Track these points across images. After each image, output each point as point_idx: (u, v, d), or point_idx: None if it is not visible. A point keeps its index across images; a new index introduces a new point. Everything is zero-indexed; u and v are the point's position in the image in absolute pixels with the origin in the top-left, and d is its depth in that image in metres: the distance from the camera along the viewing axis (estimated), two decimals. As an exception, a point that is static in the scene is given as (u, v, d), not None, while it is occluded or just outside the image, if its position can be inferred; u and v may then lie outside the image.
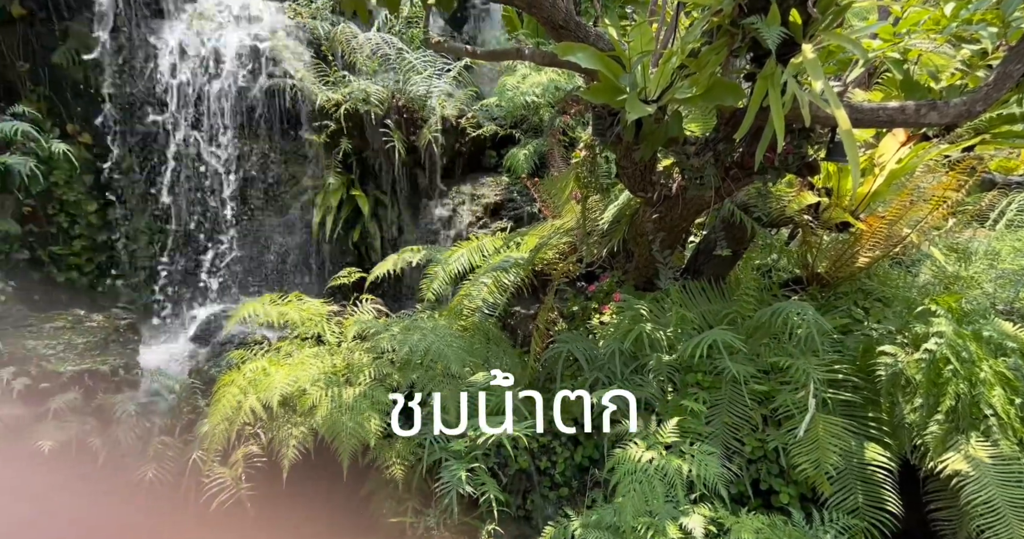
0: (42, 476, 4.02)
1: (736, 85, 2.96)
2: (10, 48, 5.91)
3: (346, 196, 6.74)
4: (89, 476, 4.22)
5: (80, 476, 4.19)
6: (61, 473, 4.09)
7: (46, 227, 5.83)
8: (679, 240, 4.39)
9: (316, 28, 6.57)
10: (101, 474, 4.24)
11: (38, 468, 4.01)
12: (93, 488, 4.17)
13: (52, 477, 4.06)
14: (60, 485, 4.08)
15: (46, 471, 4.03)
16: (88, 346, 4.73)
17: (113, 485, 4.20)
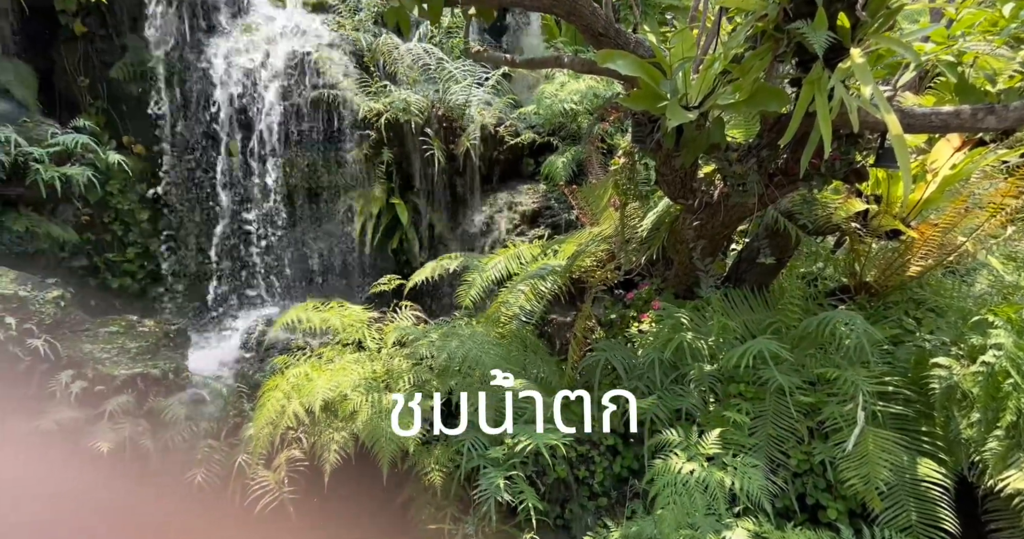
0: (98, 477, 4.17)
1: (781, 90, 2.91)
2: (72, 64, 6.20)
3: (386, 204, 6.84)
4: (141, 477, 4.36)
5: (133, 477, 4.33)
6: (116, 474, 4.24)
7: (102, 235, 6.08)
8: (720, 248, 4.33)
9: (359, 40, 6.71)
10: (152, 476, 4.38)
11: (94, 469, 4.17)
12: (145, 489, 4.31)
13: (107, 478, 4.21)
14: (115, 486, 4.22)
15: (102, 472, 4.18)
16: (140, 350, 4.90)
17: (164, 487, 4.33)
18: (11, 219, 5.25)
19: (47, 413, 4.27)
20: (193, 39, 6.41)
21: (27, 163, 5.16)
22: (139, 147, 6.40)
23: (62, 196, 5.43)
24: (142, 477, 4.33)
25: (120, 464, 4.23)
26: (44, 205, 5.52)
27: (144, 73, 6.31)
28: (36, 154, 5.19)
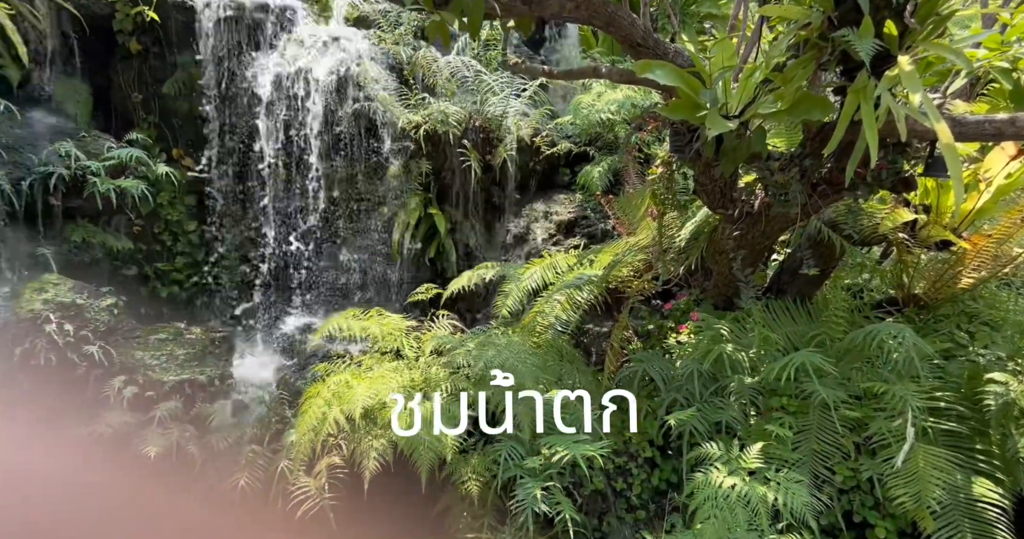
0: (148, 481, 4.32)
1: (825, 99, 2.87)
2: (127, 81, 6.48)
3: (423, 214, 6.93)
4: (188, 481, 4.49)
5: (180, 481, 4.46)
6: (164, 478, 4.38)
7: (152, 245, 6.31)
8: (761, 258, 4.26)
9: (399, 53, 6.84)
10: (198, 480, 4.51)
11: (145, 473, 4.31)
12: (192, 493, 4.44)
13: (156, 482, 4.35)
14: (162, 490, 4.36)
15: (151, 476, 4.32)
16: (187, 357, 5.06)
17: (209, 491, 4.45)
18: (69, 230, 5.49)
19: (101, 417, 4.44)
20: (239, 55, 6.64)
21: (85, 176, 5.40)
22: (187, 160, 6.64)
23: (116, 208, 5.66)
24: (188, 481, 4.46)
25: (168, 468, 4.37)
26: (99, 216, 5.76)
27: (193, 89, 6.56)
28: (93, 167, 5.43)
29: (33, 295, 4.71)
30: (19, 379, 4.43)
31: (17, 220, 5.20)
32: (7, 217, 5.11)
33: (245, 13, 6.64)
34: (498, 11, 3.46)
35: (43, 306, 4.63)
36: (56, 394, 4.50)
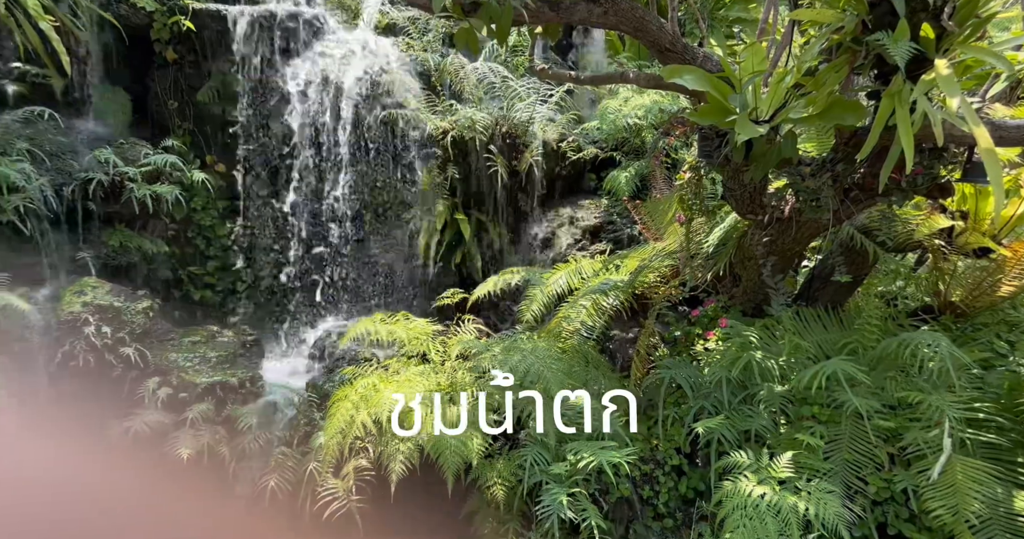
0: (181, 480, 4.41)
1: (857, 103, 2.82)
2: (164, 89, 6.67)
3: (450, 219, 6.98)
4: (219, 482, 4.58)
5: (211, 481, 4.55)
6: (196, 478, 4.47)
7: (185, 249, 6.47)
8: (791, 265, 4.20)
9: (427, 60, 6.93)
10: (230, 480, 4.59)
11: (177, 473, 4.41)
12: (223, 493, 4.52)
13: (189, 482, 4.44)
14: (195, 489, 4.45)
15: (184, 476, 4.42)
16: (219, 359, 5.16)
17: (240, 491, 4.53)
18: (107, 234, 5.66)
19: (137, 417, 4.55)
20: (271, 63, 6.78)
21: (123, 182, 5.56)
22: (220, 166, 6.79)
23: (152, 212, 5.81)
24: (220, 481, 4.55)
25: (200, 468, 4.46)
26: (136, 221, 5.92)
27: (226, 96, 6.72)
28: (131, 173, 5.58)
29: (73, 298, 4.86)
30: (60, 379, 4.57)
31: (59, 224, 5.37)
32: (49, 222, 5.28)
33: (277, 22, 6.78)
34: (526, 17, 3.48)
35: (83, 308, 4.77)
36: (94, 394, 4.63)
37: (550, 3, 3.55)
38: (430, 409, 4.26)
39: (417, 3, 3.78)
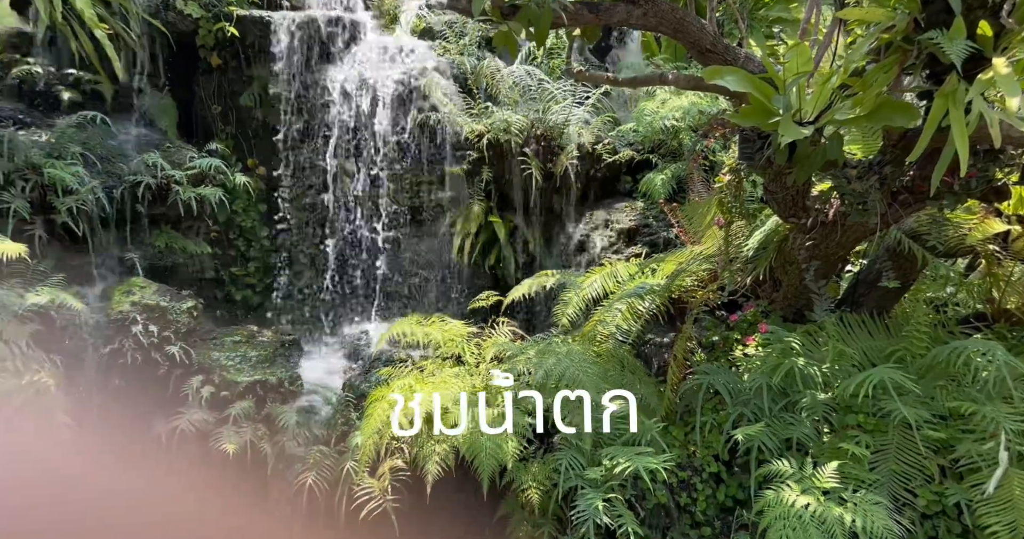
0: (222, 476, 4.53)
1: (908, 104, 2.75)
2: (208, 94, 6.87)
3: (484, 222, 7.00)
4: (259, 478, 4.68)
5: (252, 478, 4.66)
6: (238, 474, 4.58)
7: (227, 250, 6.63)
8: (835, 269, 4.10)
9: (463, 63, 6.98)
10: (270, 478, 4.69)
11: (219, 468, 4.53)
12: (263, 490, 4.62)
13: (230, 477, 4.55)
14: (236, 485, 4.56)
15: (226, 471, 4.53)
16: (259, 359, 5.27)
17: (279, 489, 4.62)
18: (154, 236, 5.84)
19: (183, 414, 4.69)
20: (311, 67, 6.92)
21: (169, 185, 5.73)
22: (261, 169, 6.95)
23: (196, 214, 5.98)
24: (260, 478, 4.64)
25: (243, 465, 4.56)
26: (181, 223, 6.10)
27: (267, 100, 6.88)
28: (177, 176, 5.75)
29: (122, 297, 5.02)
30: (110, 376, 4.73)
31: (108, 226, 5.56)
32: (100, 223, 5.47)
33: (318, 27, 6.92)
34: (565, 19, 3.48)
35: (131, 307, 4.93)
36: (141, 391, 4.78)
37: (589, 5, 3.54)
38: (466, 411, 4.28)
39: (457, 7, 3.80)
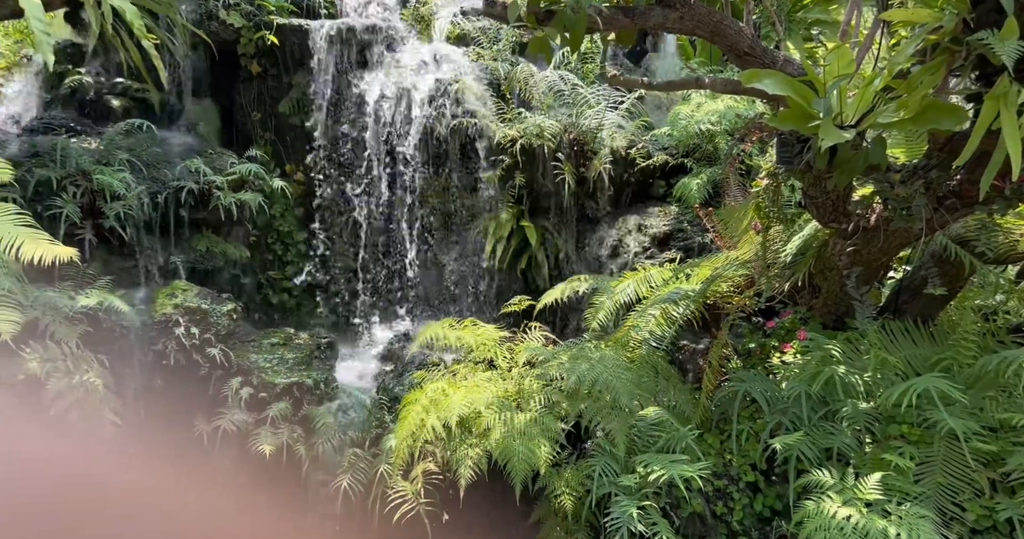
0: (260, 475, 4.63)
1: (955, 106, 2.67)
2: (248, 101, 7.05)
3: (516, 226, 7.02)
4: (295, 479, 4.77)
5: (290, 479, 4.75)
6: (276, 475, 4.67)
7: (265, 254, 6.78)
8: (877, 276, 4.01)
9: (496, 69, 7.03)
10: (306, 479, 4.78)
11: (257, 468, 4.63)
12: (300, 491, 4.71)
13: (267, 477, 4.65)
14: (273, 485, 4.66)
15: (263, 472, 4.63)
16: (296, 361, 5.37)
17: (316, 490, 4.70)
18: (196, 240, 6.00)
19: (223, 415, 4.80)
20: (348, 74, 7.05)
21: (211, 190, 5.89)
22: (299, 174, 7.09)
23: (236, 219, 6.12)
24: (297, 479, 4.73)
25: (280, 466, 4.65)
26: (221, 227, 6.26)
27: (305, 107, 7.03)
28: (218, 182, 5.91)
29: (165, 300, 5.17)
30: (153, 377, 4.87)
31: (153, 231, 5.74)
32: (145, 227, 5.65)
33: (355, 34, 7.04)
34: (600, 24, 3.47)
35: (174, 310, 5.07)
36: (183, 391, 4.92)
37: (624, 9, 3.53)
38: (499, 416, 4.30)
39: (492, 14, 3.82)
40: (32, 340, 4.32)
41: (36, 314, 4.33)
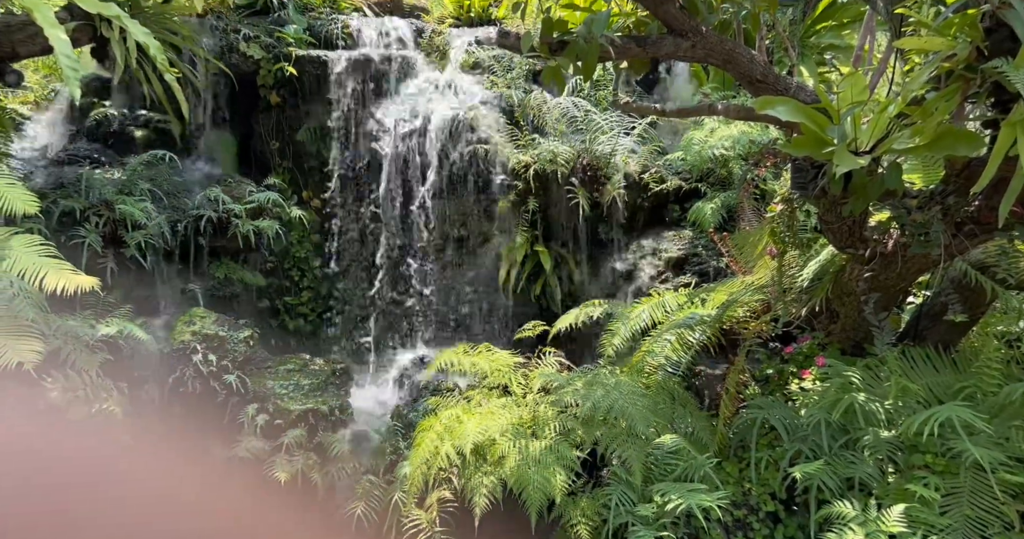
0: (275, 503, 4.61)
1: (971, 133, 2.66)
2: (267, 130, 7.20)
3: (530, 251, 7.05)
4: (311, 508, 4.74)
5: (304, 507, 4.72)
6: (291, 503, 4.65)
7: (282, 280, 6.86)
8: (896, 301, 3.96)
9: (510, 96, 7.13)
10: (320, 507, 4.75)
11: (272, 495, 4.61)
12: (314, 519, 4.67)
13: (284, 506, 4.62)
14: (288, 512, 4.63)
15: (280, 501, 4.61)
16: (311, 387, 5.39)
17: (329, 518, 4.67)
18: (214, 267, 6.10)
19: (239, 442, 4.82)
20: (364, 103, 7.20)
21: (229, 218, 5.99)
22: (316, 201, 7.20)
23: (254, 246, 6.22)
24: (311, 507, 4.70)
25: (295, 494, 4.64)
26: (239, 254, 6.36)
27: (322, 135, 7.16)
28: (236, 210, 6.01)
29: (184, 327, 5.23)
30: (171, 404, 4.91)
31: (172, 258, 5.84)
32: (164, 256, 5.75)
33: (371, 65, 7.20)
34: (612, 54, 3.51)
35: (192, 337, 5.12)
36: (200, 418, 4.94)
37: (636, 39, 3.58)
38: (513, 443, 4.27)
39: (506, 44, 3.89)
40: (54, 369, 4.38)
41: (58, 343, 4.40)
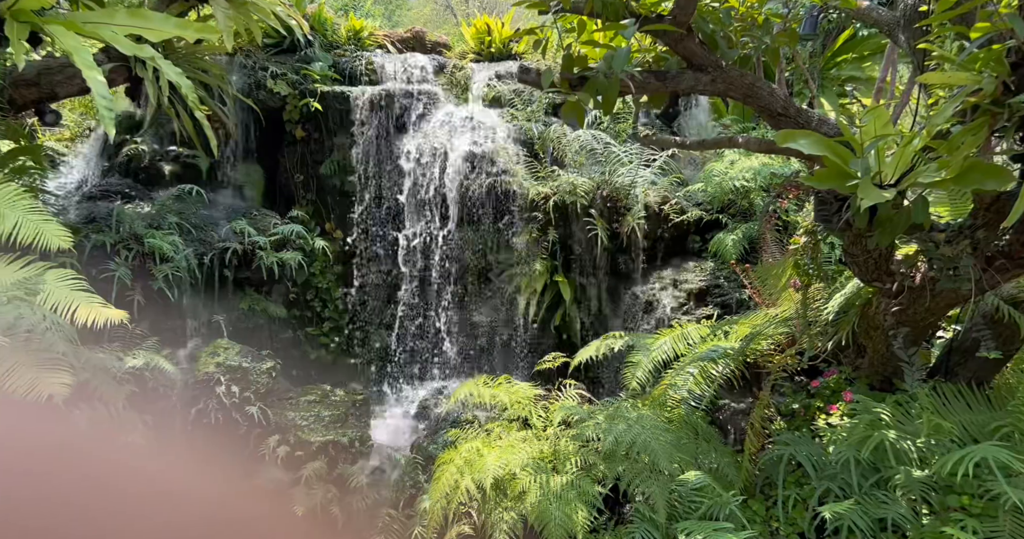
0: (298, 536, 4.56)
1: (1000, 167, 2.63)
2: (292, 164, 7.37)
3: (549, 281, 7.05)
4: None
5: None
6: (312, 536, 4.60)
7: (304, 311, 6.92)
8: (925, 336, 3.88)
9: (530, 130, 7.24)
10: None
11: (293, 530, 4.56)
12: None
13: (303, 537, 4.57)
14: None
15: (301, 533, 4.56)
16: (332, 419, 5.39)
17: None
18: (239, 298, 6.18)
19: (260, 473, 4.81)
20: (387, 137, 7.35)
21: (254, 250, 6.10)
22: (338, 232, 7.30)
23: (278, 278, 6.30)
24: (331, 538, 4.66)
25: (316, 527, 4.59)
26: (263, 285, 6.44)
27: (345, 168, 7.31)
28: (261, 242, 6.12)
29: (208, 358, 5.29)
30: (194, 435, 4.93)
31: (198, 290, 5.93)
32: (191, 287, 5.85)
33: (394, 100, 7.37)
34: (632, 88, 3.55)
35: (215, 369, 5.18)
36: (222, 450, 4.95)
37: (656, 73, 3.62)
38: (534, 478, 4.20)
39: (527, 80, 3.96)
40: (82, 401, 4.43)
41: (87, 376, 4.46)
